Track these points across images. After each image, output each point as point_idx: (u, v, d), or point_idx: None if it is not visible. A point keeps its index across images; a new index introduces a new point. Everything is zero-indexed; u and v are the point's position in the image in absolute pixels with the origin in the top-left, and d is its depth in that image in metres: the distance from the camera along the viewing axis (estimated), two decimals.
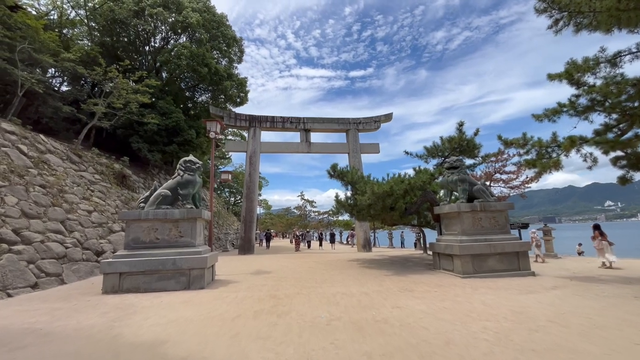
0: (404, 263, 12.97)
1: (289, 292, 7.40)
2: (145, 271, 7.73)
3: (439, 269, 10.49)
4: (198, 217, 8.39)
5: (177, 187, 8.67)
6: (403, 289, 7.58)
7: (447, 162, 10.50)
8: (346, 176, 12.06)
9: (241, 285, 8.49)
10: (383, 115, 22.73)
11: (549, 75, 8.88)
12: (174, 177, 8.95)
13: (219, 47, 24.65)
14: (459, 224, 9.79)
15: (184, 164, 8.95)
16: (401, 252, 19.94)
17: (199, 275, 7.98)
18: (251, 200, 20.43)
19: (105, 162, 17.17)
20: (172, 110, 20.97)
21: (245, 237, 19.77)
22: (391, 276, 9.65)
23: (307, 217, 60.25)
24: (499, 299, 6.27)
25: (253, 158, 20.78)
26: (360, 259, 15.23)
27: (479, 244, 9.34)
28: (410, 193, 10.95)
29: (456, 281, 8.56)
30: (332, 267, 11.97)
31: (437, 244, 10.47)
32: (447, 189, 10.66)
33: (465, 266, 9.16)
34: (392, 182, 10.36)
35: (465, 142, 13.44)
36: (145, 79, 16.70)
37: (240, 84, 25.74)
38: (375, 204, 10.58)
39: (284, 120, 21.65)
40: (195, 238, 8.36)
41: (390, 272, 10.58)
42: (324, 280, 9.13)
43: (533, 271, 9.43)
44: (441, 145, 14.66)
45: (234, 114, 21.25)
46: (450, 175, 10.36)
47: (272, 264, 13.84)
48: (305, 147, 21.62)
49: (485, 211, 9.90)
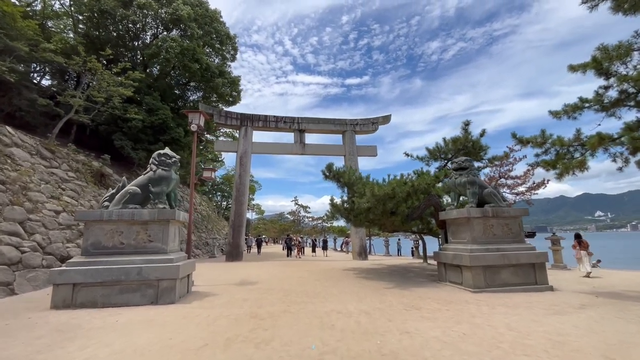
0: (405, 274, 11.87)
1: (274, 309, 6.24)
2: (104, 282, 6.51)
3: (444, 281, 9.41)
4: (171, 218, 7.21)
5: (149, 184, 7.51)
6: (409, 307, 6.48)
7: (455, 163, 9.51)
8: (343, 177, 10.98)
9: (219, 299, 7.30)
10: (381, 117, 21.80)
11: (570, 67, 7.98)
12: (146, 172, 7.79)
13: (212, 43, 23.62)
14: (469, 231, 8.76)
15: (157, 157, 7.80)
16: (399, 261, 18.84)
17: (169, 287, 6.77)
18: (241, 203, 19.20)
19: (83, 160, 15.85)
20: (158, 106, 19.81)
21: (233, 243, 18.48)
22: (392, 289, 8.54)
23: (300, 222, 59.15)
24: (526, 322, 5.20)
25: (244, 159, 19.61)
26: (357, 268, 14.08)
27: (491, 254, 8.30)
28: (413, 196, 9.91)
29: (467, 296, 7.49)
30: (326, 278, 10.82)
31: (442, 253, 9.42)
32: (455, 192, 9.66)
33: (476, 279, 8.10)
34: (395, 183, 9.31)
35: (471, 143, 12.51)
36: (129, 71, 15.52)
37: (233, 82, 24.68)
38: (375, 208, 9.51)
39: (278, 120, 20.57)
40: (167, 243, 7.17)
41: (390, 284, 9.47)
42: (317, 293, 7.99)
43: (551, 285, 8.41)
44: (444, 147, 13.71)
45: (224, 112, 20.09)
46: (458, 177, 9.36)
47: (260, 272, 12.62)
48: (300, 149, 20.53)
49: (498, 217, 8.89)
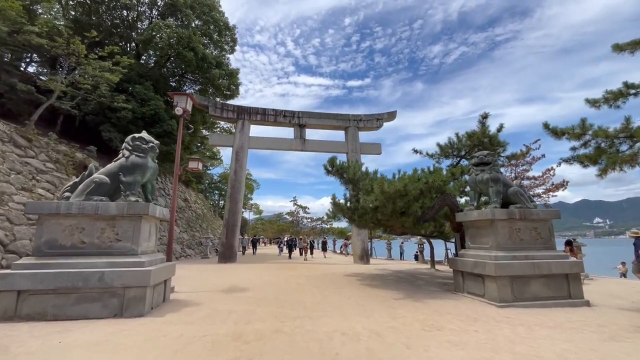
0: (413, 281, 10.70)
1: (264, 327, 5.07)
2: (57, 289, 5.33)
3: (461, 291, 8.24)
4: (144, 214, 6.04)
5: (120, 173, 6.34)
6: (427, 326, 5.31)
7: (476, 157, 8.37)
8: (347, 172, 9.82)
9: (200, 310, 6.12)
10: (386, 113, 20.67)
11: (616, 46, 6.88)
12: (117, 158, 6.63)
13: (209, 33, 22.50)
14: (492, 236, 7.61)
15: (131, 141, 6.65)
16: (404, 266, 17.65)
17: (138, 296, 5.60)
18: (236, 201, 18.01)
19: (65, 150, 14.68)
20: (150, 96, 18.64)
21: (226, 243, 17.28)
22: (403, 301, 7.36)
23: (299, 223, 57.97)
24: (583, 352, 4.04)
25: (240, 154, 18.43)
26: (359, 273, 12.91)
27: (519, 263, 7.15)
28: (426, 195, 8.76)
29: (493, 312, 6.33)
30: (326, 284, 9.65)
31: (460, 260, 8.25)
32: (475, 190, 8.50)
33: (502, 291, 6.94)
34: (407, 179, 8.16)
35: (488, 139, 11.36)
36: (117, 56, 14.36)
37: (231, 74, 23.54)
38: (384, 207, 8.35)
39: (277, 114, 19.41)
40: (138, 243, 5.99)
41: (400, 293, 8.30)
42: (316, 304, 6.81)
43: (587, 300, 7.26)
44: (457, 143, 12.56)
45: (220, 103, 18.92)
46: (479, 173, 8.21)
47: (252, 277, 11.43)
48: (299, 145, 19.37)
49: (525, 220, 7.74)
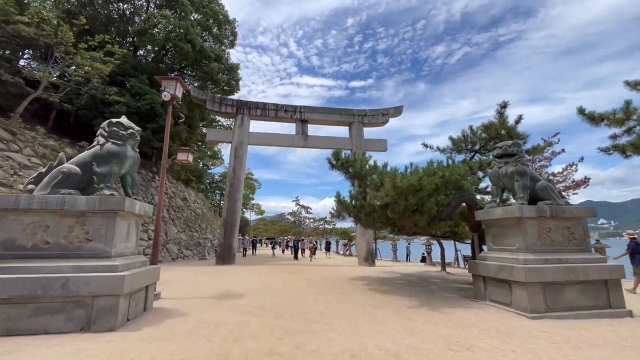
0: (426, 285, 9.79)
1: (256, 346, 4.19)
2: (12, 298, 4.48)
3: (483, 299, 7.32)
4: (119, 210, 5.18)
5: (93, 162, 5.49)
6: (454, 343, 4.41)
7: (499, 148, 7.45)
8: (353, 166, 8.92)
9: (184, 323, 5.24)
10: (392, 108, 19.75)
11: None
12: (91, 146, 5.78)
13: (208, 25, 21.70)
14: (520, 236, 6.69)
15: (107, 127, 5.78)
16: (412, 268, 16.72)
17: (109, 306, 4.73)
18: (234, 199, 17.16)
19: (53, 145, 13.91)
20: (146, 90, 17.84)
21: (224, 244, 16.43)
22: (419, 310, 6.45)
23: (301, 224, 57.18)
24: None
25: (239, 150, 17.58)
26: (366, 276, 12.00)
27: (552, 267, 6.23)
28: (442, 190, 7.85)
29: (526, 325, 5.42)
30: (330, 290, 8.76)
31: (481, 263, 7.33)
32: (497, 185, 7.58)
33: (533, 300, 6.02)
34: (422, 173, 7.25)
35: (507, 131, 10.44)
36: (108, 45, 13.57)
37: (231, 69, 22.73)
38: (395, 204, 7.45)
39: (278, 108, 18.55)
40: (112, 244, 5.14)
41: (413, 300, 7.39)
42: (319, 315, 5.92)
43: (630, 310, 6.32)
44: (471, 136, 11.64)
45: (218, 98, 18.07)
46: (503, 166, 7.29)
47: (250, 280, 10.57)
48: (302, 141, 18.50)
49: (557, 218, 6.82)
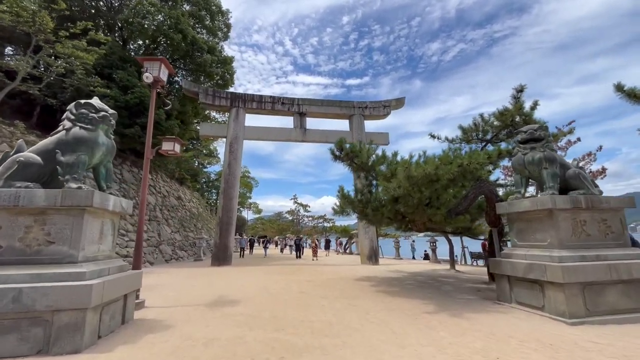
0: (438, 286, 9.01)
1: None
2: None
3: (508, 301, 6.54)
4: (87, 205, 4.32)
5: (57, 150, 4.62)
6: None
7: (523, 133, 6.66)
8: (359, 156, 8.10)
9: (167, 339, 4.40)
10: (394, 100, 18.94)
11: None
12: (55, 132, 4.91)
13: (200, 16, 20.74)
14: (552, 230, 5.91)
15: (75, 109, 4.91)
16: (418, 266, 15.96)
17: (74, 323, 3.89)
18: (230, 197, 16.29)
19: (34, 141, 12.97)
20: (134, 83, 16.86)
21: (220, 244, 15.57)
22: (439, 316, 5.65)
23: (300, 222, 56.42)
24: None
25: (234, 145, 16.69)
26: (372, 276, 11.20)
27: (591, 265, 5.46)
28: (460, 181, 7.06)
29: (567, 333, 4.65)
30: (336, 293, 7.94)
31: (506, 262, 6.55)
32: (522, 174, 6.79)
33: (572, 303, 5.25)
34: (439, 161, 6.45)
35: (523, 118, 9.66)
36: (90, 32, 12.61)
37: (225, 62, 21.80)
38: (409, 196, 6.64)
39: (275, 101, 17.67)
40: (78, 247, 4.28)
41: (430, 304, 6.60)
42: (327, 325, 5.10)
43: None
44: (483, 125, 10.87)
45: (211, 90, 17.15)
46: (528, 152, 6.50)
47: (247, 283, 9.73)
48: (300, 135, 17.64)
49: (592, 210, 6.05)
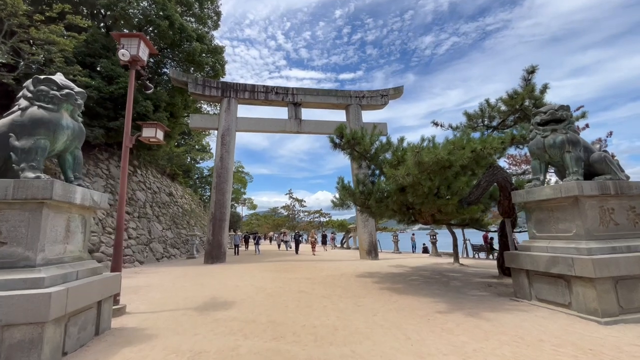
0: (445, 282, 8.48)
1: None
2: None
3: (528, 298, 6.01)
4: (46, 198, 3.61)
5: (10, 134, 3.89)
6: None
7: (543, 113, 6.08)
8: (361, 144, 7.45)
9: (147, 356, 3.73)
10: (392, 89, 18.29)
11: None
12: (8, 112, 4.16)
13: (188, 2, 19.73)
14: (578, 220, 5.36)
15: (33, 85, 4.16)
16: (419, 260, 15.49)
17: (29, 340, 3.20)
18: (223, 191, 15.55)
19: None
20: (119, 73, 15.90)
21: (213, 241, 14.87)
22: (454, 316, 5.07)
23: (295, 217, 55.82)
24: None
25: (226, 137, 15.91)
26: (373, 272, 10.65)
27: (624, 258, 4.93)
28: (473, 168, 6.47)
29: (605, 334, 4.11)
30: (338, 291, 7.35)
31: (525, 255, 6.00)
32: (541, 159, 6.22)
33: (604, 300, 4.72)
34: (452, 145, 5.84)
35: (533, 102, 9.10)
36: (68, 15, 11.66)
37: (215, 51, 20.86)
38: (418, 185, 6.04)
39: (268, 91, 16.88)
40: (36, 248, 3.58)
41: (440, 303, 6.03)
42: (333, 331, 4.49)
43: None
44: (489, 110, 10.29)
45: (201, 80, 16.26)
46: (549, 135, 5.92)
47: (241, 283, 9.09)
48: (295, 126, 16.92)
49: (621, 196, 5.52)
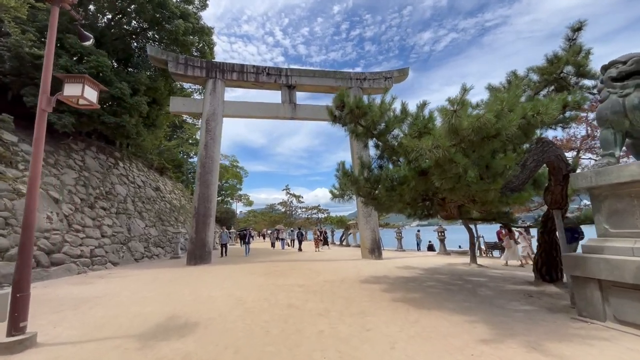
0: (471, 289, 6.84)
1: None
2: None
3: (601, 318, 4.36)
4: None
5: None
6: None
7: (621, 64, 4.42)
8: (370, 113, 5.73)
9: None
10: (396, 70, 16.52)
11: None
12: None
13: None
14: None
15: None
16: (429, 260, 13.85)
17: None
18: (207, 184, 13.82)
19: None
20: (90, 50, 14.09)
21: (197, 239, 13.16)
22: (506, 347, 3.40)
23: (292, 214, 54.21)
24: None
25: (211, 122, 14.15)
26: (380, 276, 8.99)
27: None
28: (519, 139, 4.83)
29: None
30: (340, 306, 5.69)
31: (597, 259, 4.35)
32: (617, 127, 4.56)
33: None
34: (501, 103, 4.18)
35: (576, 69, 7.43)
36: None
37: (202, 31, 18.99)
38: (450, 163, 4.37)
39: (259, 71, 15.08)
40: None
41: (480, 323, 4.39)
42: None
43: None
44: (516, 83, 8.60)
45: (183, 58, 14.43)
46: (632, 93, 4.27)
47: (218, 292, 7.38)
48: (289, 111, 15.17)
49: None
